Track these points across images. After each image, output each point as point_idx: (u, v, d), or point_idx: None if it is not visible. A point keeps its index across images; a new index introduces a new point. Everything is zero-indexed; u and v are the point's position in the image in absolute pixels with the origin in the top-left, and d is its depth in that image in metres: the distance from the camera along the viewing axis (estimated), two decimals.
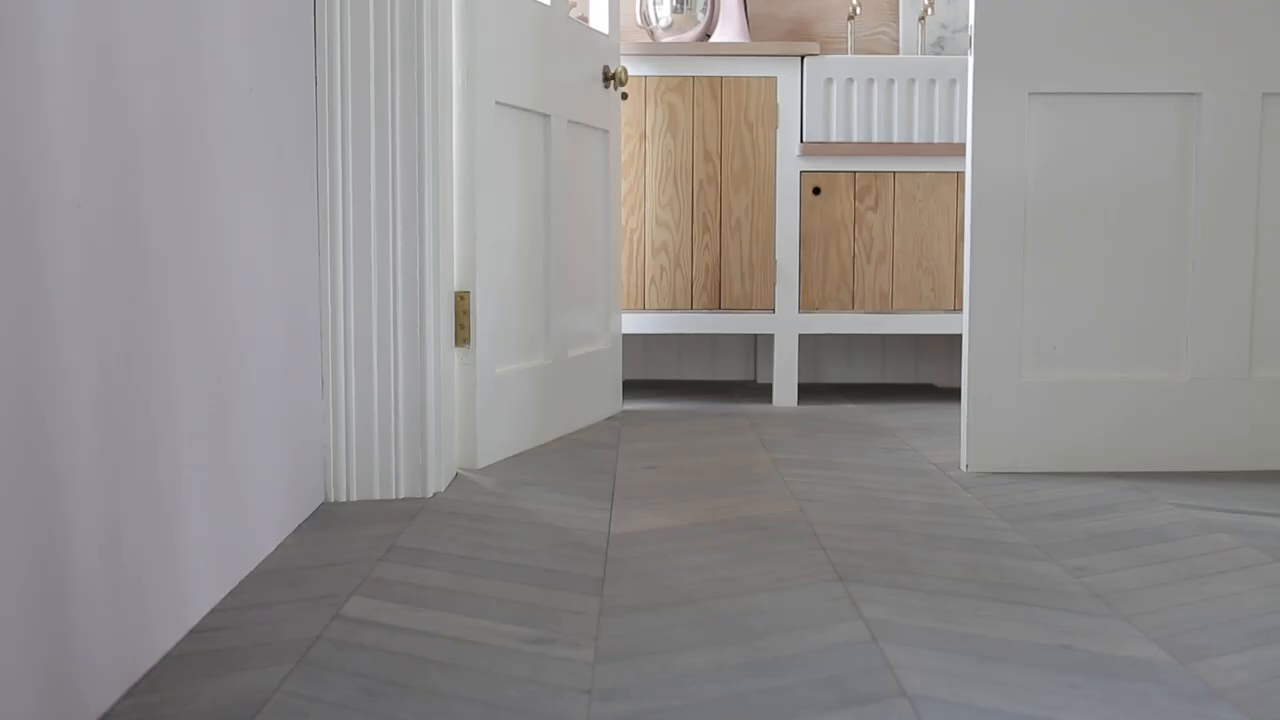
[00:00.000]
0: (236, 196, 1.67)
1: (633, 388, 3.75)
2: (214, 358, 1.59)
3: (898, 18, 3.80)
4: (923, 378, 3.88)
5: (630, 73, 3.31)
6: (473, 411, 2.48)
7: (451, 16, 2.41)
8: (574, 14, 3.63)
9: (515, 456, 2.64)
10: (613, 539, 1.94)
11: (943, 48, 3.78)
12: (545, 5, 2.77)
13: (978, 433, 2.45)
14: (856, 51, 3.79)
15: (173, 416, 1.44)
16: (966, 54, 3.72)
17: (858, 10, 3.67)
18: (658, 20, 3.58)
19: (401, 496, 2.22)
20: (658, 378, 3.90)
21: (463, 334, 2.46)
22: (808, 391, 3.70)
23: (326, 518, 2.06)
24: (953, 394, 3.68)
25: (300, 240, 2.04)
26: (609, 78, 3.10)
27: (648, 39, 3.70)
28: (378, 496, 2.22)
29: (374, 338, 2.20)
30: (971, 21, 2.42)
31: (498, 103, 2.56)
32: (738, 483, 2.36)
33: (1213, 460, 2.47)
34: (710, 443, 2.80)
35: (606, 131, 3.13)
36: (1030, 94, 2.42)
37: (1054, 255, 2.45)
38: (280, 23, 1.91)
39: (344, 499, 2.20)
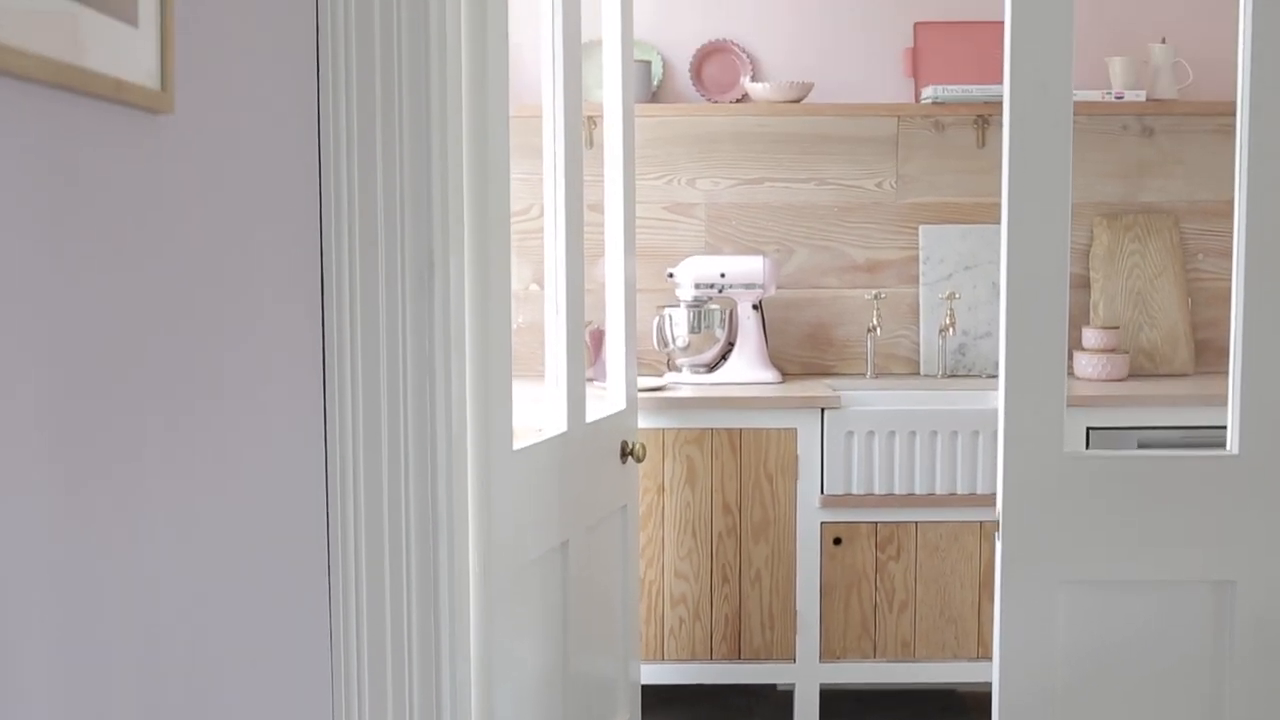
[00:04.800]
0: None
1: (652, 698, 3.69)
2: None
3: (918, 322, 3.74)
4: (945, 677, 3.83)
5: (648, 424, 3.26)
6: None
7: (468, 501, 2.35)
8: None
9: None
10: None
11: (964, 354, 3.71)
12: (562, 433, 2.72)
13: None
14: (876, 358, 3.72)
15: None
16: (996, 381, 3.64)
17: (878, 330, 3.62)
18: (675, 341, 3.53)
19: None
20: (677, 682, 3.84)
21: None
22: (830, 707, 3.64)
23: None
24: (975, 703, 3.63)
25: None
26: (626, 453, 3.04)
27: (664, 360, 3.65)
28: None
29: None
30: (999, 507, 2.36)
31: (514, 572, 2.50)
32: None
33: None
34: None
35: (624, 506, 3.07)
36: (1061, 582, 2.36)
37: None
38: (290, 542, 1.86)
39: None
